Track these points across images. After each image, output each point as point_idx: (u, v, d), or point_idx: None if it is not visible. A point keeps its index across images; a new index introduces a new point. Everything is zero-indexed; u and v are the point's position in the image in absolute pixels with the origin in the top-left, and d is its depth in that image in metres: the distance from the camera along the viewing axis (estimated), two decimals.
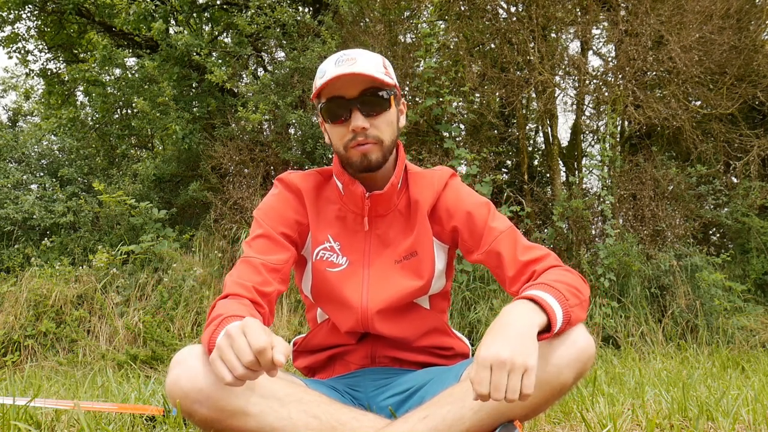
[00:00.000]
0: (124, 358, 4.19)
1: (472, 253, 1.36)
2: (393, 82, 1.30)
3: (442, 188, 1.40)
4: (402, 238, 1.38)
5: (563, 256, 5.15)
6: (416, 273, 1.36)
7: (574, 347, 1.10)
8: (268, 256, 1.29)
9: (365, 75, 1.23)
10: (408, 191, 1.40)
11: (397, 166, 1.37)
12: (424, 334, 1.40)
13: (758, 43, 5.69)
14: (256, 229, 1.35)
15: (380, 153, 1.29)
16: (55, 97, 8.26)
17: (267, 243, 1.31)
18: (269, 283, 1.26)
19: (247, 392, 1.07)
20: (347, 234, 1.38)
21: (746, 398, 1.84)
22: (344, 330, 1.37)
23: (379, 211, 1.37)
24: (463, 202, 1.38)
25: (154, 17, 6.29)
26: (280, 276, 1.29)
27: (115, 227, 5.69)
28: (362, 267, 1.37)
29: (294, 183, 1.40)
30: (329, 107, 1.27)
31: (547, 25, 5.69)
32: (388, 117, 1.29)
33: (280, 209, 1.37)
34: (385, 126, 1.29)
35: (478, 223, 1.34)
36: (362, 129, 1.25)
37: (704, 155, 5.93)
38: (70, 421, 1.58)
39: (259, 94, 5.55)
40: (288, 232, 1.35)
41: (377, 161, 1.29)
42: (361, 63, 1.26)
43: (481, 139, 5.68)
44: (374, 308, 1.33)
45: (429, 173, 1.42)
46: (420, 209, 1.37)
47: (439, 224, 1.39)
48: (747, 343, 4.76)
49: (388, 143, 1.30)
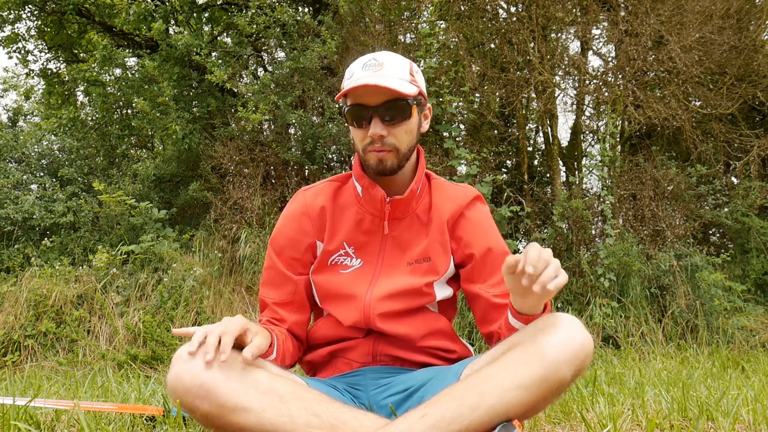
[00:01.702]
0: (124, 358, 4.19)
1: (471, 284, 1.43)
2: (417, 90, 1.33)
3: (466, 205, 1.44)
4: (417, 242, 1.42)
5: (563, 256, 5.15)
6: (425, 276, 1.40)
7: (572, 344, 1.10)
8: (277, 291, 1.45)
9: (388, 89, 1.27)
10: (430, 197, 1.45)
11: (418, 171, 1.42)
12: (427, 334, 1.41)
13: (758, 43, 5.69)
14: (268, 260, 1.49)
15: (396, 160, 1.34)
16: (55, 97, 8.26)
17: (276, 277, 1.46)
18: (284, 319, 1.44)
19: (247, 388, 1.08)
20: (363, 236, 1.43)
21: (746, 398, 1.84)
22: (347, 324, 1.39)
23: (396, 214, 1.42)
24: (487, 234, 1.43)
25: (154, 17, 6.30)
26: (295, 306, 1.45)
27: (115, 227, 5.69)
28: (374, 267, 1.41)
29: (311, 201, 1.47)
30: (352, 111, 1.32)
31: (547, 25, 5.69)
32: (408, 126, 1.33)
33: (293, 236, 1.46)
34: (403, 134, 1.33)
35: (494, 264, 1.41)
36: (380, 137, 1.30)
37: (704, 155, 5.93)
38: (70, 421, 1.58)
39: (259, 94, 5.55)
40: (298, 257, 1.45)
41: (392, 167, 1.34)
42: (388, 70, 1.29)
43: (481, 139, 5.68)
44: (377, 300, 1.36)
45: (454, 186, 1.48)
46: (439, 217, 1.42)
47: (456, 242, 1.43)
48: (747, 343, 4.76)
49: (404, 151, 1.34)
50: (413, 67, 1.36)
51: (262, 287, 1.48)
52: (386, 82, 1.27)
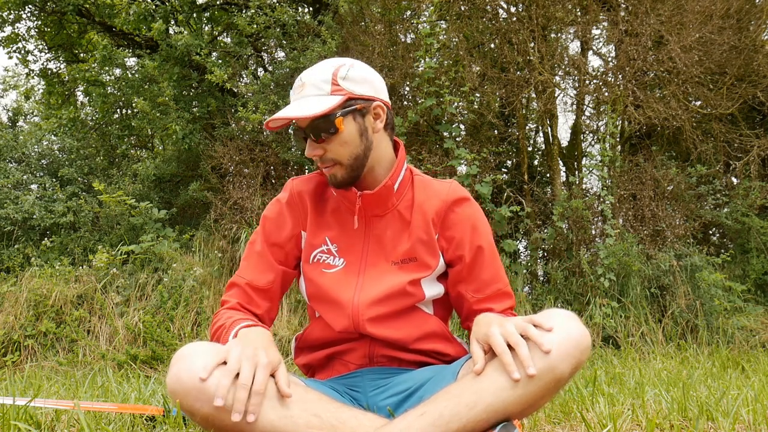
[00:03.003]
0: (124, 358, 4.19)
1: (457, 284, 1.42)
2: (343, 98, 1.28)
3: (453, 202, 1.41)
4: (399, 240, 1.39)
5: (563, 256, 5.16)
6: (412, 273, 1.37)
7: (569, 339, 1.09)
8: (258, 275, 1.41)
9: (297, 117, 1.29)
10: (413, 193, 1.42)
11: (395, 167, 1.39)
12: (420, 338, 1.38)
13: (758, 43, 5.69)
14: (256, 241, 1.45)
15: (343, 172, 1.33)
16: (55, 97, 8.26)
17: (260, 259, 1.42)
18: (258, 305, 1.40)
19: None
20: (345, 234, 1.40)
21: (746, 398, 1.84)
22: (338, 330, 1.38)
23: (375, 211, 1.39)
24: (476, 235, 1.41)
25: (154, 17, 6.29)
26: (270, 296, 1.42)
27: (115, 227, 5.69)
28: (358, 267, 1.38)
29: (296, 189, 1.45)
30: (295, 134, 1.36)
31: (547, 25, 5.69)
32: (341, 138, 1.30)
33: (278, 221, 1.44)
34: (338, 147, 1.31)
35: (481, 266, 1.40)
36: (317, 156, 1.32)
37: (704, 155, 5.93)
38: (70, 421, 1.58)
39: (259, 94, 5.55)
40: (281, 242, 1.43)
41: (343, 179, 1.34)
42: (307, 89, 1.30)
43: (481, 139, 5.68)
44: (365, 306, 1.34)
45: (438, 182, 1.45)
46: (423, 214, 1.39)
47: (447, 241, 1.41)
48: (747, 343, 4.76)
49: (348, 162, 1.33)
50: (339, 72, 1.30)
51: (243, 266, 1.43)
52: (297, 110, 1.27)
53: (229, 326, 1.29)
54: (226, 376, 1.04)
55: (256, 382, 1.06)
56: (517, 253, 5.55)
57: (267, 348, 1.15)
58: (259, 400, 1.05)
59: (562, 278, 4.93)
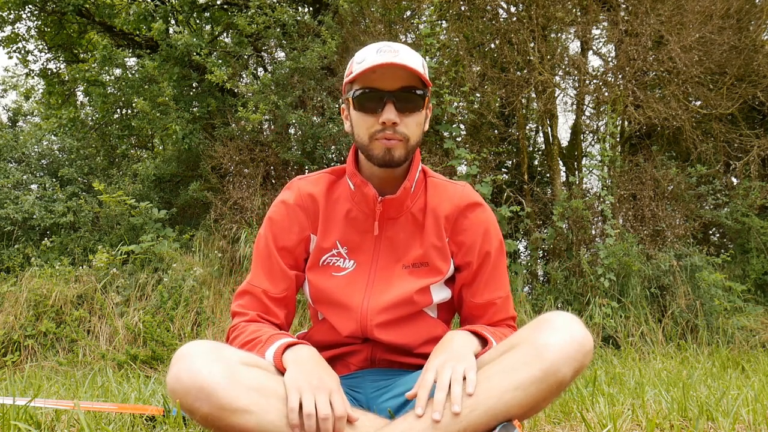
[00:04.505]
0: (124, 358, 4.19)
1: (461, 288, 1.41)
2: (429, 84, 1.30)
3: (465, 207, 1.38)
4: (412, 243, 1.37)
5: (563, 256, 5.15)
6: (423, 278, 1.36)
7: (571, 343, 1.09)
8: (273, 283, 1.37)
9: (409, 68, 1.23)
10: (426, 196, 1.39)
11: (411, 169, 1.35)
12: (426, 342, 1.38)
13: (758, 43, 5.68)
14: (264, 246, 1.39)
15: (404, 151, 1.27)
16: (55, 97, 8.26)
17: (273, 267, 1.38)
18: (276, 315, 1.37)
19: (248, 390, 1.07)
20: (356, 235, 1.37)
21: (746, 398, 1.84)
22: (345, 335, 1.36)
23: (390, 213, 1.36)
24: (489, 236, 1.38)
25: (154, 17, 6.29)
26: (285, 303, 1.39)
27: (115, 227, 5.69)
28: (368, 270, 1.36)
29: (305, 191, 1.40)
30: (363, 96, 1.26)
31: (547, 25, 5.69)
32: (418, 117, 1.28)
33: (286, 224, 1.39)
34: (414, 125, 1.28)
35: (486, 273, 1.39)
36: (393, 124, 1.24)
37: (704, 155, 5.93)
38: (70, 421, 1.58)
39: (259, 94, 5.55)
40: (290, 246, 1.38)
41: (399, 158, 1.27)
42: (404, 56, 1.24)
43: (481, 139, 5.68)
44: (374, 311, 1.33)
45: (452, 185, 1.42)
46: (436, 218, 1.37)
47: (458, 246, 1.38)
48: (747, 343, 4.76)
49: (413, 143, 1.29)
50: (424, 61, 1.32)
51: (256, 274, 1.38)
52: (407, 62, 1.23)
53: (266, 341, 1.24)
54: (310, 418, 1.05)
55: (336, 409, 1.06)
56: (517, 253, 5.55)
57: (325, 368, 1.15)
58: (343, 423, 1.06)
59: (562, 278, 4.93)
